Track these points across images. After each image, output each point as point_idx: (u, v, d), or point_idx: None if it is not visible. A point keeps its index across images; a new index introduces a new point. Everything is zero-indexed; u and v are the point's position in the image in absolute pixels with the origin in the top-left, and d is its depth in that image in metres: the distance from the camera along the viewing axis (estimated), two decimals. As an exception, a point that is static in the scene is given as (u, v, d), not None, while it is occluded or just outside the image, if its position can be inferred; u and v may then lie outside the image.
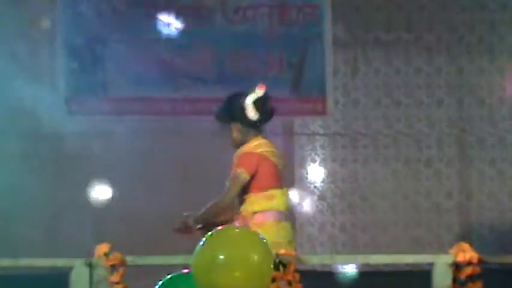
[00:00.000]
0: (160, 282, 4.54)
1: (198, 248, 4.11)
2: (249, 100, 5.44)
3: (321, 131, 8.12)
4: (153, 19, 7.86)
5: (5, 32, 7.43)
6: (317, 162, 8.13)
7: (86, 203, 7.38)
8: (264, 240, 4.22)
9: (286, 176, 7.88)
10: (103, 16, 7.71)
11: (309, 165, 8.11)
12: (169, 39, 7.87)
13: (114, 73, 7.75)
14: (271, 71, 7.94)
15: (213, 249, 4.04)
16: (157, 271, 4.61)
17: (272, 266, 4.18)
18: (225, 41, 7.96)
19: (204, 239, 4.16)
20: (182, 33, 7.89)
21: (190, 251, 4.04)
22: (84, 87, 7.71)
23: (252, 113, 5.43)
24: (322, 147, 8.13)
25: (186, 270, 4.41)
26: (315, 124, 8.13)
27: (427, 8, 8.12)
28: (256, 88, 5.49)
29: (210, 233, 4.18)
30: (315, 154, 8.12)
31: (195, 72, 7.91)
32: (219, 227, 4.24)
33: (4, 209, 6.88)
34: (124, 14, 7.78)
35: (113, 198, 7.44)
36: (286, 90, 7.90)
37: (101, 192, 7.40)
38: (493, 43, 8.21)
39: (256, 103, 5.45)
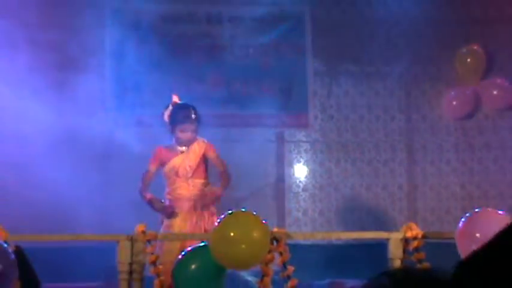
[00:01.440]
0: (183, 252, 4.57)
1: (214, 226, 4.15)
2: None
3: (304, 139, 8.08)
4: (179, 54, 7.85)
5: (68, 64, 7.42)
6: (301, 163, 8.11)
7: (130, 193, 7.31)
8: (263, 222, 4.27)
9: (278, 173, 7.96)
10: (140, 52, 7.69)
11: (296, 165, 8.09)
12: (191, 69, 7.85)
13: (149, 95, 7.74)
14: (267, 94, 7.94)
15: (225, 228, 4.10)
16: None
17: (268, 240, 4.23)
18: (234, 70, 7.95)
19: (219, 219, 4.20)
20: (201, 65, 7.89)
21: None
22: (127, 106, 7.73)
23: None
24: (306, 151, 8.11)
25: (203, 244, 4.43)
26: (300, 134, 8.09)
27: (384, 47, 8.10)
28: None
29: (223, 216, 4.23)
30: (300, 157, 8.10)
31: (210, 94, 7.86)
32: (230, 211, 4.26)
33: (67, 199, 6.84)
34: (157, 50, 7.77)
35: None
36: (278, 108, 7.94)
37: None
38: (433, 73, 8.21)
39: None
